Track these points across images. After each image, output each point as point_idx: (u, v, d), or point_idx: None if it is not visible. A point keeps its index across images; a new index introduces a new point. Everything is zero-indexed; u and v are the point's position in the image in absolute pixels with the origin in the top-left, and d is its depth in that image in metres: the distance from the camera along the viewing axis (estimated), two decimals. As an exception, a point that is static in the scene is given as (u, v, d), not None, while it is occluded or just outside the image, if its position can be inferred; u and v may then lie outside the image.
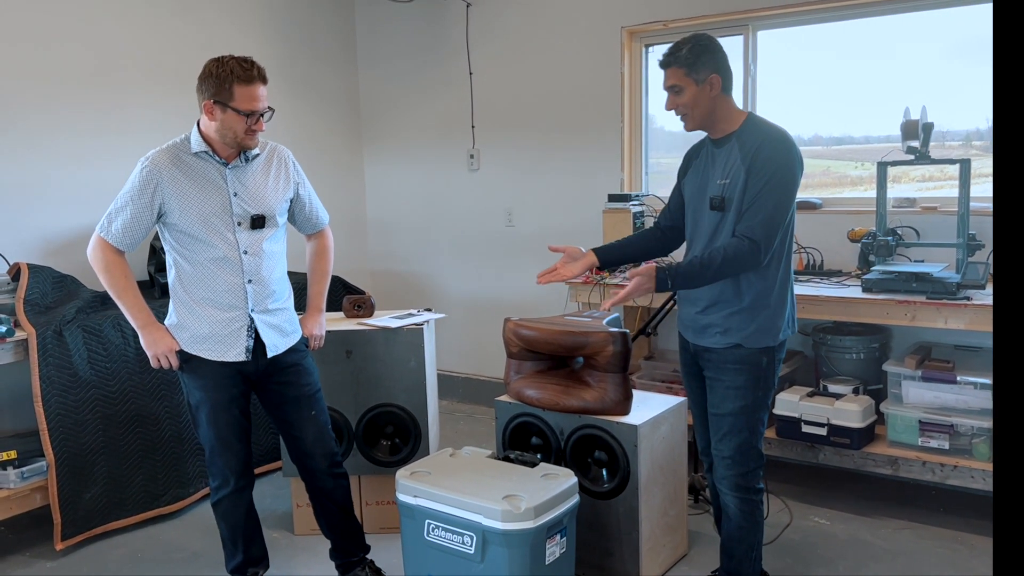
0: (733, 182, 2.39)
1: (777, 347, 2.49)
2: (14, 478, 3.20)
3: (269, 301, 2.65)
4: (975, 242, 3.29)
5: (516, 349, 3.09)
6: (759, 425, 2.51)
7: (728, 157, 2.43)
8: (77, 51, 3.89)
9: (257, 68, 2.48)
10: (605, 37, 4.39)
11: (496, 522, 2.42)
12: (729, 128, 2.46)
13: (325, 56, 5.12)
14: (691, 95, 2.41)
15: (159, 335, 2.60)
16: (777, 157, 2.34)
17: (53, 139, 3.82)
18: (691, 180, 2.57)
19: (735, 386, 2.47)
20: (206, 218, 2.53)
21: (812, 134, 4.23)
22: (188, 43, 4.30)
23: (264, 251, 2.62)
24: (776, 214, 2.34)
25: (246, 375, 2.66)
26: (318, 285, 2.91)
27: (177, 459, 3.58)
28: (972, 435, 3.18)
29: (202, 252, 2.55)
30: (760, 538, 2.59)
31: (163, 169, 2.51)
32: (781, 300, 2.48)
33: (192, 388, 2.65)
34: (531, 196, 4.80)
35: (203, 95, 2.49)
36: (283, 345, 2.69)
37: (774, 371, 2.51)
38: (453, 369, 5.17)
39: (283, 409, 2.74)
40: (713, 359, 2.51)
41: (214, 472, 2.71)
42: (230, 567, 2.81)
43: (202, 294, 2.58)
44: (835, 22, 3.90)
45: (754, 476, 2.53)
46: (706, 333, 2.51)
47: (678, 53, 2.41)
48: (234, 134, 2.50)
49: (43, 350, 3.17)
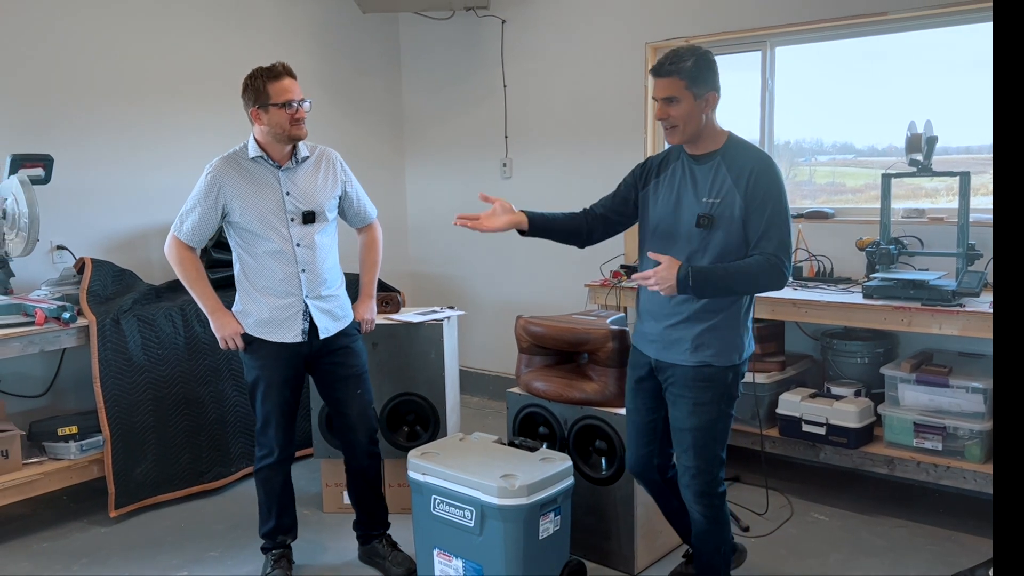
0: (725, 202, 2.39)
1: (742, 364, 2.53)
2: (74, 451, 3.56)
3: (322, 288, 2.95)
4: (974, 252, 3.39)
5: (526, 344, 3.33)
6: (722, 435, 2.53)
7: (714, 175, 2.42)
8: (139, 70, 4.26)
9: (282, 64, 2.82)
10: (630, 52, 4.60)
11: (493, 498, 2.65)
12: (712, 146, 2.45)
13: (371, 71, 5.44)
14: (687, 108, 2.38)
15: (227, 320, 2.93)
16: (775, 186, 2.38)
17: (115, 148, 4.20)
18: (660, 193, 2.54)
19: (701, 402, 2.47)
20: (263, 215, 2.85)
21: (830, 143, 4.36)
22: (242, 58, 4.61)
23: (316, 243, 2.92)
24: (788, 239, 2.39)
25: (302, 356, 2.97)
26: (368, 274, 3.22)
27: (221, 440, 3.91)
28: (965, 437, 3.29)
29: (260, 246, 2.88)
30: (727, 535, 2.65)
31: (224, 174, 2.86)
32: (747, 319, 2.53)
33: (252, 367, 2.97)
34: (560, 202, 4.92)
35: (248, 105, 2.83)
36: (334, 328, 2.99)
37: (738, 385, 2.53)
38: (484, 367, 5.43)
39: (334, 387, 3.04)
40: (679, 375, 2.50)
41: (262, 443, 3.02)
42: (263, 531, 3.11)
43: (262, 283, 2.90)
44: (850, 39, 4.04)
45: (717, 483, 2.55)
46: (674, 349, 2.50)
47: (682, 64, 2.35)
48: (283, 128, 2.81)
49: (102, 336, 3.52)
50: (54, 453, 3.58)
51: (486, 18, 5.10)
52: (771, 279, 2.38)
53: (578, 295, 4.50)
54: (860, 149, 4.28)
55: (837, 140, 4.32)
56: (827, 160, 4.39)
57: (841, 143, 4.32)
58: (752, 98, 4.28)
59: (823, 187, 4.37)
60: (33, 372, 3.89)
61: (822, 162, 4.39)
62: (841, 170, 4.41)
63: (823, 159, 4.38)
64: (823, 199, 4.32)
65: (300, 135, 2.86)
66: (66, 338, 3.49)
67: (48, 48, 3.93)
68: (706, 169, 2.45)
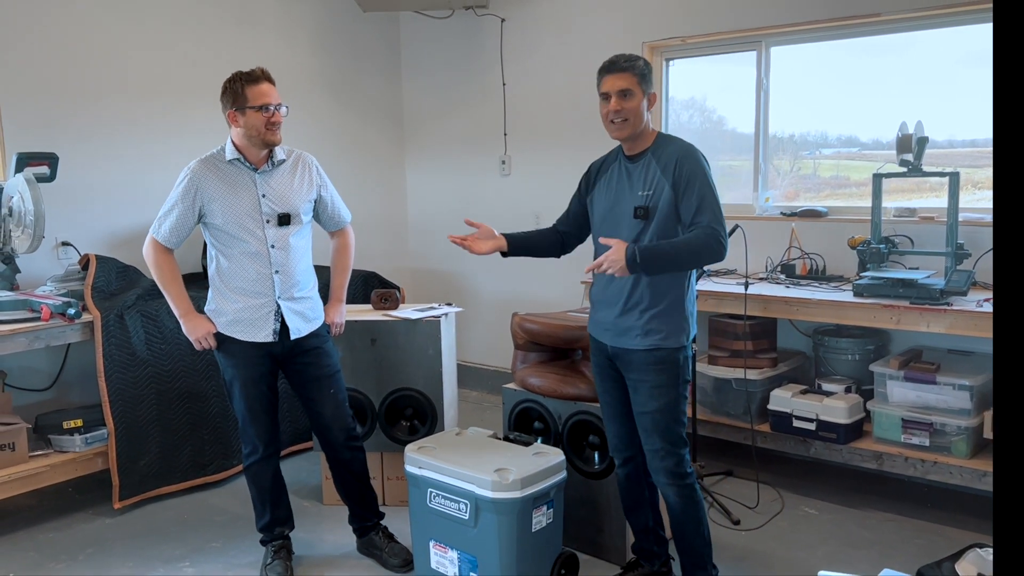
0: (656, 192, 2.58)
1: (689, 344, 2.68)
2: (79, 443, 3.64)
3: (295, 290, 3.00)
4: (962, 251, 3.45)
5: (522, 341, 3.39)
6: (682, 416, 2.67)
7: (647, 171, 2.62)
8: (144, 68, 4.33)
9: (260, 70, 2.88)
10: (627, 51, 4.60)
11: (487, 491, 2.72)
12: (645, 144, 2.66)
13: (372, 69, 5.50)
14: (638, 103, 2.59)
15: (198, 322, 2.98)
16: (699, 167, 2.57)
17: (120, 146, 4.26)
18: (601, 194, 2.75)
19: (658, 385, 2.62)
20: (238, 217, 2.90)
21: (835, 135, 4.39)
22: (244, 57, 4.70)
23: (291, 245, 2.98)
24: (720, 213, 2.54)
25: (274, 355, 3.02)
26: (339, 278, 3.28)
27: (222, 433, 3.98)
28: (951, 433, 3.35)
29: (236, 247, 2.92)
30: (703, 514, 2.75)
31: (202, 176, 2.91)
32: (691, 301, 2.70)
33: (226, 366, 3.02)
34: (558, 200, 4.98)
35: (226, 107, 2.90)
36: (305, 329, 3.04)
37: (689, 365, 2.69)
38: (483, 362, 5.49)
39: (306, 387, 3.09)
40: (635, 360, 2.65)
41: (245, 440, 3.08)
42: (259, 525, 3.18)
43: (236, 283, 2.95)
44: (845, 39, 4.09)
45: (684, 462, 2.68)
46: (627, 335, 2.66)
47: (635, 62, 2.61)
48: (257, 131, 2.86)
49: (106, 331, 3.60)
50: (60, 446, 3.65)
51: (485, 17, 5.16)
52: (711, 250, 2.52)
53: (575, 291, 4.57)
54: (865, 143, 4.30)
55: (842, 134, 4.35)
56: (832, 153, 4.43)
57: (847, 136, 4.34)
58: (748, 95, 4.34)
59: (827, 180, 4.41)
60: (39, 366, 3.97)
61: (827, 155, 4.43)
62: (846, 163, 4.44)
63: (827, 152, 4.41)
64: (827, 193, 4.37)
65: (274, 140, 2.90)
66: (71, 333, 3.56)
67: (53, 47, 3.99)
68: (640, 166, 2.66)
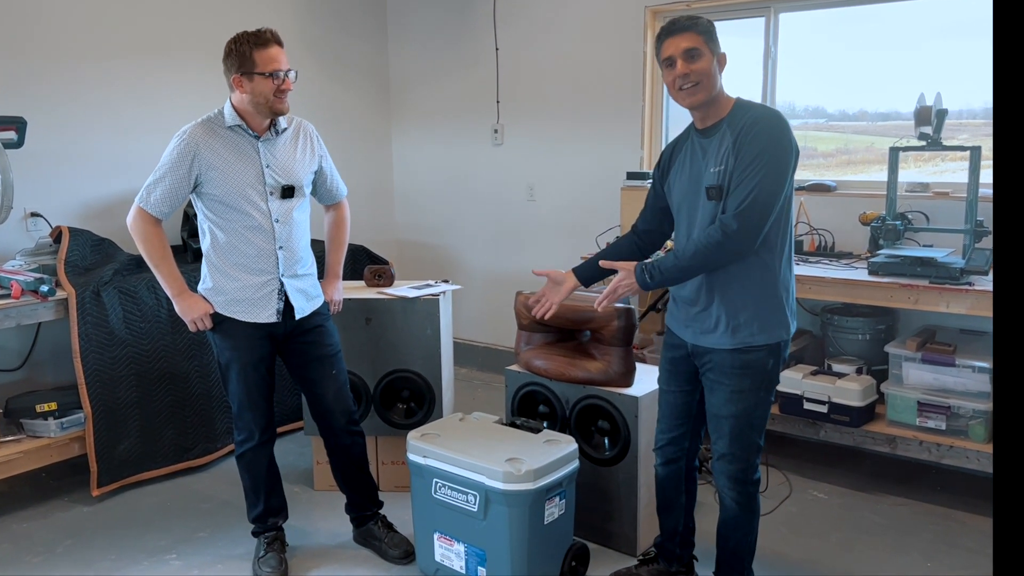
0: (727, 167, 2.26)
1: (783, 344, 2.40)
2: (54, 428, 3.42)
3: (298, 267, 2.82)
4: (982, 228, 3.33)
5: (526, 321, 3.23)
6: (761, 422, 2.44)
7: (720, 144, 2.30)
8: (118, 27, 4.05)
9: (270, 32, 2.63)
10: (629, 16, 4.45)
11: (498, 483, 2.57)
12: (720, 114, 2.33)
13: (356, 32, 5.24)
14: (708, 63, 2.26)
15: (192, 301, 2.77)
16: (769, 132, 2.21)
17: (92, 110, 4.00)
18: (678, 177, 2.45)
19: (739, 389, 2.37)
20: (241, 188, 2.69)
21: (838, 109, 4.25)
22: (222, 19, 4.44)
23: (294, 219, 2.79)
24: (761, 195, 2.19)
25: (274, 336, 2.84)
26: (336, 253, 3.09)
27: (206, 415, 3.78)
28: (969, 417, 3.26)
29: (237, 220, 2.71)
30: (756, 523, 2.55)
31: (200, 141, 2.66)
32: (785, 295, 2.38)
33: (223, 348, 2.83)
34: (553, 172, 4.90)
35: (230, 71, 2.65)
36: (309, 308, 2.87)
37: (778, 371, 2.43)
38: (473, 338, 5.33)
39: (307, 368, 2.91)
40: (716, 361, 2.40)
41: (240, 427, 2.89)
42: (251, 516, 3.00)
43: (236, 260, 2.75)
44: (856, 6, 3.93)
45: (753, 469, 2.47)
46: (712, 333, 2.39)
47: (698, 20, 2.28)
48: (265, 99, 2.63)
49: (82, 309, 3.37)
50: (33, 431, 3.44)
51: (478, -23, 4.92)
52: (719, 250, 2.25)
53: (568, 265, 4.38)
54: (872, 115, 4.16)
55: (848, 108, 4.21)
56: (837, 125, 4.29)
57: (854, 111, 4.20)
58: (755, 64, 4.17)
59: (832, 152, 4.28)
60: (7, 344, 3.73)
61: (833, 127, 4.29)
62: (853, 137, 4.30)
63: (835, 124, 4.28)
64: (833, 165, 4.22)
65: (282, 109, 2.68)
66: (44, 311, 3.33)
67: (20, 3, 3.70)
68: (715, 141, 2.33)
